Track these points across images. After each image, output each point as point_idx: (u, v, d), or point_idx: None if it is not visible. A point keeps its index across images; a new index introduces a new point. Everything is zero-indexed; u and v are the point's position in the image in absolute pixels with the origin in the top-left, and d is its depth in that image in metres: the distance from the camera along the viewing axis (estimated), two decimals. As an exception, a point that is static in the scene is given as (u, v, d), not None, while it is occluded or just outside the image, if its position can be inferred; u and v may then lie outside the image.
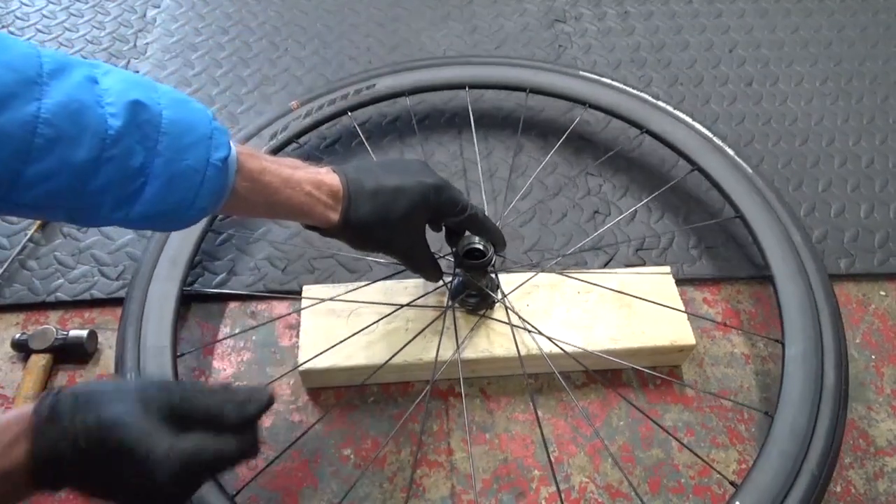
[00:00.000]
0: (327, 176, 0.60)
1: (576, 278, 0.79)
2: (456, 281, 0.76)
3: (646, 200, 0.91)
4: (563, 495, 0.67)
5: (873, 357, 0.81)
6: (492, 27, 1.18)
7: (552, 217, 0.92)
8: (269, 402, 0.50)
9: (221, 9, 1.20)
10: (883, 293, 0.87)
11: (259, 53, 1.13)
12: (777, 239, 0.79)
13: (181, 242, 0.78)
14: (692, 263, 0.87)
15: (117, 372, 0.70)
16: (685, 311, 0.77)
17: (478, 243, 0.70)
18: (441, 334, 0.74)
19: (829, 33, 1.19)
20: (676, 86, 1.09)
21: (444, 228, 0.69)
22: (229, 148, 0.51)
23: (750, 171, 0.84)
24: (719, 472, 0.69)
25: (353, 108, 0.93)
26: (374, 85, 0.94)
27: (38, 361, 0.75)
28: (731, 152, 0.86)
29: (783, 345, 0.72)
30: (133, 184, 0.46)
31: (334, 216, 0.59)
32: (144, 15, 1.19)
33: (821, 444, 0.65)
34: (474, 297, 0.76)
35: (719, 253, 0.88)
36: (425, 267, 0.69)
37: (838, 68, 1.13)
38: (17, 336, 0.77)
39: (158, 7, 1.20)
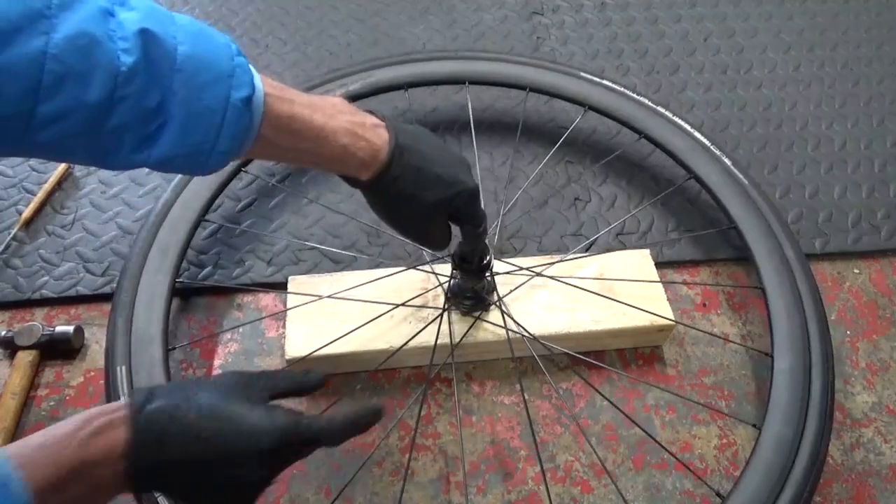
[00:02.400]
0: (373, 131, 0.54)
1: (565, 282, 0.79)
2: (452, 283, 0.75)
3: (648, 204, 0.92)
4: (548, 474, 0.68)
5: (848, 333, 0.83)
6: (470, 20, 1.19)
7: (533, 203, 0.93)
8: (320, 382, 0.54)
9: (201, 7, 1.20)
10: (857, 271, 0.89)
11: (240, 50, 1.13)
12: (771, 254, 0.79)
13: (171, 234, 0.78)
14: (671, 246, 0.89)
15: (107, 365, 0.70)
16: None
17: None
18: (438, 326, 0.74)
19: (802, 21, 1.21)
20: (653, 74, 1.11)
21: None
22: (253, 87, 0.47)
23: (746, 182, 0.84)
24: (707, 483, 0.69)
25: (352, 99, 0.92)
26: (372, 77, 0.93)
27: (25, 358, 0.75)
28: (727, 162, 0.86)
29: (772, 358, 0.72)
30: (152, 124, 0.43)
31: (365, 175, 0.55)
32: (124, 14, 1.19)
33: (807, 454, 0.66)
34: (469, 299, 0.75)
35: (698, 236, 0.90)
36: (433, 245, 0.64)
37: (811, 55, 1.15)
38: (3, 333, 0.77)
39: (138, 6, 1.20)
